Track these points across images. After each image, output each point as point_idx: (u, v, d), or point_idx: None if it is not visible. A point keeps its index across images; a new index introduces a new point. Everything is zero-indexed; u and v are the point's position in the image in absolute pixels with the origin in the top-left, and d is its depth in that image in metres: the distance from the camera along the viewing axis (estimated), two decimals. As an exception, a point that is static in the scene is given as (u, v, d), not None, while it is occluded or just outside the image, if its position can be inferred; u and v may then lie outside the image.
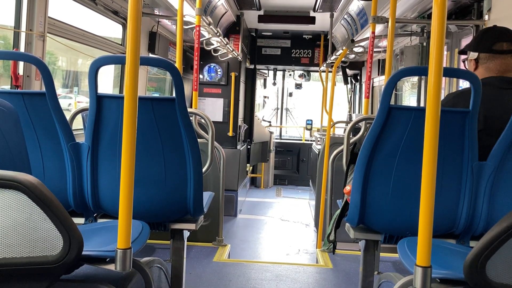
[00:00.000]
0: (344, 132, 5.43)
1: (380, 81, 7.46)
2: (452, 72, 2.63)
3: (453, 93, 2.38)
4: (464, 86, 4.32)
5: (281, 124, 11.52)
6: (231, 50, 6.49)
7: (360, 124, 3.38)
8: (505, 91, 2.19)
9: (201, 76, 7.17)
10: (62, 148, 2.15)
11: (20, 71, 3.02)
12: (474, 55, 2.33)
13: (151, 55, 5.37)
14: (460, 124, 1.96)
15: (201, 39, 4.31)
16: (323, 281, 3.81)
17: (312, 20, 7.35)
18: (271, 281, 3.74)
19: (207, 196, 2.69)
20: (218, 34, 5.20)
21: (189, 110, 2.24)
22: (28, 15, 3.05)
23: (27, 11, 3.05)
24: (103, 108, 2.10)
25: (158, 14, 5.06)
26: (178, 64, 3.50)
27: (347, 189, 2.31)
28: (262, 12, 7.33)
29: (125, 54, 1.44)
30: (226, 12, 6.56)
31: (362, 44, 5.60)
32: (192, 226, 2.31)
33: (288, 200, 8.70)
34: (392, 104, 1.99)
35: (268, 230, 6.58)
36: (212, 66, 7.22)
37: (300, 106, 12.82)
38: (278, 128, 11.35)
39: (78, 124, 3.07)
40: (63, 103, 5.26)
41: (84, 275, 1.83)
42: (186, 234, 2.40)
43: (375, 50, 5.32)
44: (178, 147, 2.13)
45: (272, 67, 9.87)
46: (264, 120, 10.34)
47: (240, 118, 7.79)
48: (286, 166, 10.28)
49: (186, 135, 2.11)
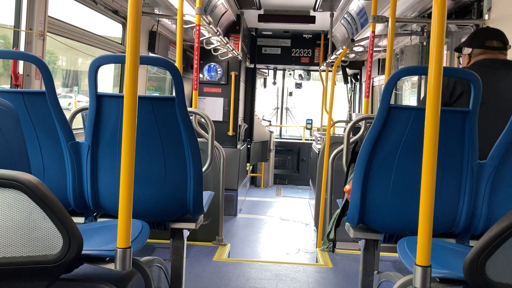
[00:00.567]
0: (344, 132, 5.43)
1: (380, 80, 7.46)
2: (452, 72, 2.61)
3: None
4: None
5: (281, 123, 11.53)
6: (231, 49, 6.49)
7: (360, 123, 3.38)
8: (496, 70, 2.44)
9: (201, 75, 7.17)
10: (62, 147, 2.15)
11: (20, 70, 3.02)
12: (468, 50, 2.58)
13: (151, 54, 5.37)
14: (460, 123, 1.97)
15: (201, 39, 4.31)
16: (323, 280, 3.81)
17: (312, 20, 7.35)
18: (271, 280, 3.74)
19: (207, 195, 2.69)
20: (218, 34, 5.20)
21: (189, 109, 2.24)
22: (28, 14, 3.05)
23: (27, 10, 3.05)
24: (103, 107, 2.09)
25: (158, 13, 5.06)
26: (178, 64, 3.50)
27: (347, 188, 2.31)
28: (262, 12, 7.33)
29: (125, 53, 1.44)
30: (226, 12, 6.56)
31: (362, 43, 5.60)
32: (192, 226, 2.31)
33: (288, 200, 8.71)
34: (392, 103, 1.99)
35: (268, 229, 6.59)
36: (212, 66, 7.22)
37: (300, 106, 12.83)
38: (278, 127, 11.35)
39: (78, 124, 3.07)
40: (63, 103, 5.26)
41: (84, 274, 1.83)
42: (186, 234, 2.40)
43: (375, 49, 5.32)
44: (178, 147, 2.13)
45: (272, 66, 9.87)
46: (264, 120, 10.34)
47: (240, 117, 7.80)
48: (286, 165, 10.28)
49: (186, 134, 2.11)
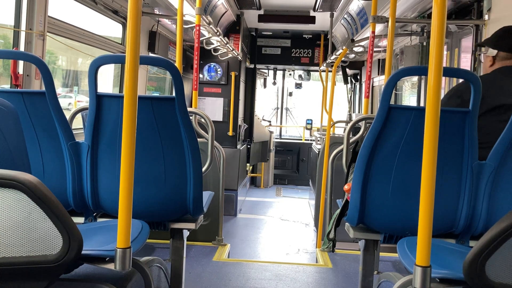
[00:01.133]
0: (344, 132, 5.43)
1: (380, 80, 7.46)
2: (452, 72, 2.62)
3: (447, 93, 2.40)
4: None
5: (281, 123, 11.53)
6: (231, 49, 6.49)
7: (360, 123, 3.38)
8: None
9: (201, 75, 7.16)
10: (62, 147, 2.15)
11: (20, 70, 3.02)
12: (493, 52, 2.33)
13: (151, 55, 5.37)
14: (460, 123, 1.96)
15: (201, 39, 4.31)
16: (322, 280, 3.81)
17: (312, 20, 7.35)
18: (270, 280, 3.74)
19: (207, 195, 2.69)
20: (218, 34, 5.20)
21: (189, 109, 2.24)
22: (28, 14, 3.05)
23: (27, 10, 3.05)
24: (103, 107, 2.09)
25: (158, 13, 5.06)
26: (178, 64, 3.50)
27: (346, 187, 2.31)
28: (262, 12, 7.33)
29: (125, 53, 1.44)
30: (226, 12, 6.56)
31: (362, 43, 5.60)
32: (191, 226, 2.31)
33: (288, 200, 8.71)
34: (392, 103, 1.99)
35: (267, 229, 6.58)
36: (212, 66, 7.22)
37: (300, 106, 12.82)
38: (278, 127, 11.35)
39: (78, 124, 3.07)
40: (63, 103, 5.26)
41: (83, 275, 1.83)
42: (186, 234, 2.40)
43: (375, 49, 5.32)
44: (178, 147, 2.13)
45: (272, 66, 9.87)
46: (264, 120, 10.34)
47: (240, 117, 7.80)
48: (286, 165, 10.28)
49: (186, 134, 2.11)
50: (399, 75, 2.01)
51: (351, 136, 3.02)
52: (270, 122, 10.83)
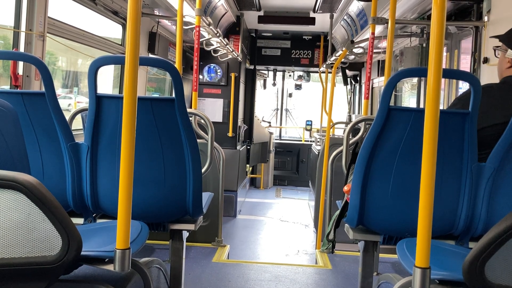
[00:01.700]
0: (343, 133, 5.43)
1: (379, 82, 7.46)
2: (452, 74, 2.62)
3: (452, 103, 2.32)
4: (463, 87, 4.32)
5: (280, 124, 11.53)
6: (231, 50, 6.50)
7: (359, 124, 3.38)
8: None
9: (200, 76, 7.16)
10: (61, 148, 2.15)
11: (20, 71, 3.02)
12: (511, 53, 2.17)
13: (150, 55, 5.37)
14: (460, 125, 1.96)
15: (201, 40, 4.31)
16: (322, 282, 3.81)
17: (312, 21, 7.35)
18: (270, 281, 3.74)
19: (207, 196, 2.69)
20: (218, 35, 5.21)
21: (188, 110, 2.24)
22: (28, 15, 3.05)
23: (27, 11, 3.05)
24: (102, 108, 2.09)
25: (158, 14, 5.06)
26: (177, 65, 3.50)
27: (346, 189, 2.31)
28: (262, 13, 7.33)
29: (124, 54, 1.44)
30: (226, 13, 6.56)
31: (362, 45, 5.61)
32: (191, 227, 2.31)
33: (288, 201, 8.70)
34: (391, 105, 1.99)
35: (267, 230, 6.58)
36: (212, 67, 7.22)
37: (300, 107, 12.83)
38: (277, 128, 11.35)
39: (77, 124, 3.07)
40: (62, 103, 5.26)
41: (83, 276, 1.83)
42: (185, 235, 2.40)
43: (374, 51, 5.33)
44: (178, 148, 2.13)
45: (272, 67, 9.87)
46: (264, 121, 10.34)
47: (239, 118, 7.80)
48: (285, 166, 10.28)
49: (186, 135, 2.11)
50: (398, 77, 2.01)
51: (350, 137, 3.02)
52: (270, 123, 10.83)
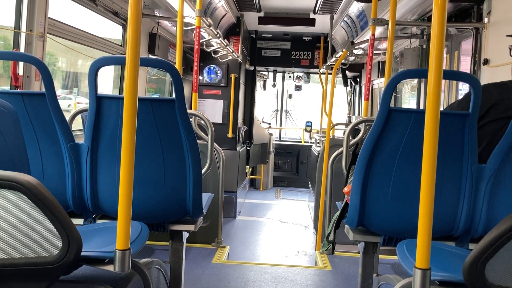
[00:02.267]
0: (343, 134, 5.43)
1: (379, 83, 7.46)
2: (452, 75, 2.62)
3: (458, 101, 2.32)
4: (463, 89, 4.32)
5: (280, 126, 11.53)
6: (231, 51, 6.50)
7: (359, 126, 3.38)
8: None
9: (201, 77, 7.17)
10: (61, 148, 2.15)
11: (20, 72, 3.02)
12: None
13: (151, 56, 5.37)
14: (460, 126, 1.96)
15: (201, 41, 4.31)
16: (322, 283, 3.81)
17: (312, 22, 7.35)
18: (270, 282, 3.74)
19: (206, 197, 2.69)
20: (218, 36, 5.21)
21: (188, 111, 2.24)
22: (28, 15, 3.06)
23: (27, 11, 3.05)
24: (102, 109, 2.09)
25: (158, 15, 5.06)
26: (178, 65, 3.50)
27: (346, 190, 2.31)
28: (262, 14, 7.34)
29: (125, 55, 1.45)
30: (226, 14, 6.56)
31: (362, 46, 5.61)
32: (191, 227, 2.31)
33: (288, 202, 8.70)
34: (391, 106, 1.99)
35: (267, 232, 6.58)
36: (212, 68, 7.23)
37: (300, 108, 12.82)
38: (277, 129, 11.35)
39: (77, 125, 3.07)
40: (62, 104, 5.25)
41: (83, 276, 1.82)
42: (185, 235, 2.40)
43: (375, 52, 5.32)
44: (178, 148, 2.13)
45: (272, 68, 9.88)
46: (263, 122, 10.34)
47: (239, 119, 7.80)
48: (285, 168, 10.28)
49: (186, 136, 2.11)
50: (399, 78, 2.01)
51: (350, 138, 3.02)
52: (269, 124, 10.83)
